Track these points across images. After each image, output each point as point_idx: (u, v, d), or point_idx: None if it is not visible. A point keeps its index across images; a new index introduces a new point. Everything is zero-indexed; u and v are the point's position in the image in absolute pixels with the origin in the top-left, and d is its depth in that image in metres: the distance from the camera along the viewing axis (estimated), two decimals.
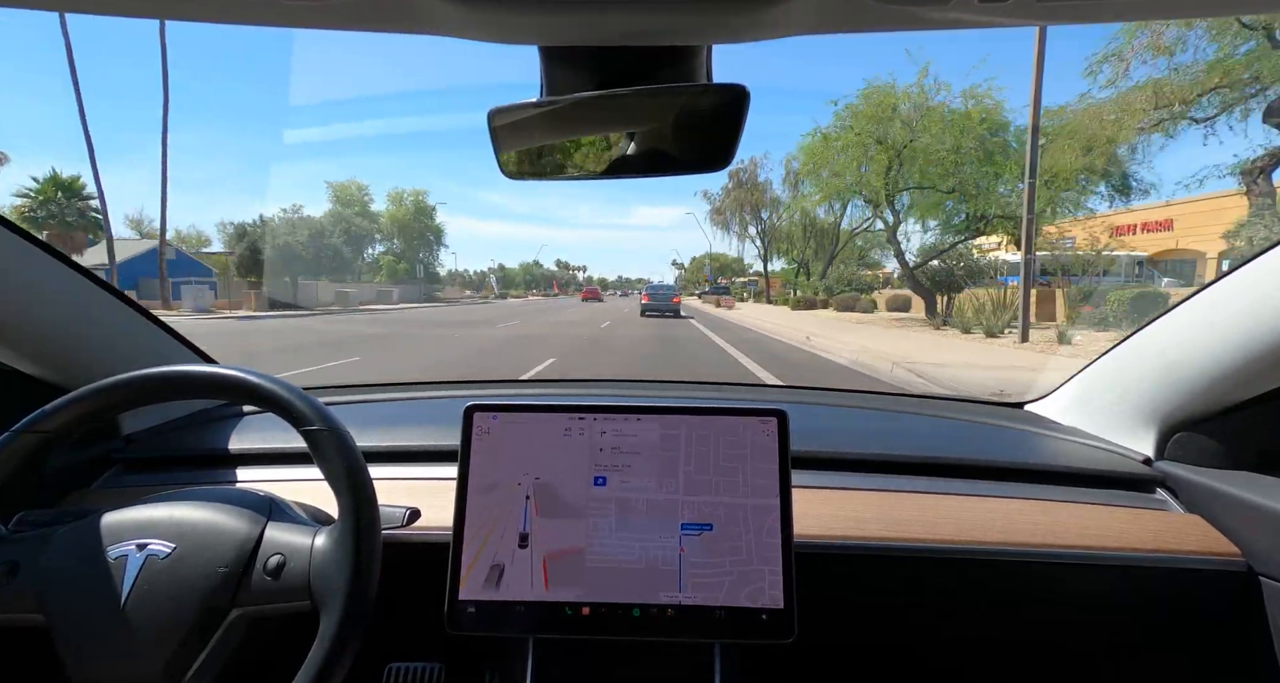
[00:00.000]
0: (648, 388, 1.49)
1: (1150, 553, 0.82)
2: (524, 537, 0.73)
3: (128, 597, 0.60)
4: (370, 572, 0.59)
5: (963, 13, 0.38)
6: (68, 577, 0.61)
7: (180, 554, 0.62)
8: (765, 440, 0.75)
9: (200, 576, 0.61)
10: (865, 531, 0.84)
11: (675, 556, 0.72)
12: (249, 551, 0.63)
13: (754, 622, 0.70)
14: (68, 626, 0.60)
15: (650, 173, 0.65)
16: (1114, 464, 0.98)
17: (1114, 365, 1.05)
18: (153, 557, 0.61)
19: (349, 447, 0.62)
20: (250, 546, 0.63)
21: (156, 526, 0.64)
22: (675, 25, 0.44)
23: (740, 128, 0.58)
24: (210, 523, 0.64)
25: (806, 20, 0.41)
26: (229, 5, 0.41)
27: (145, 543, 0.62)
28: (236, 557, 0.62)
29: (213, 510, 0.65)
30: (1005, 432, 1.13)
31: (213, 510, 0.65)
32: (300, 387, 0.65)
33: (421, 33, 0.44)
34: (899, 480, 0.95)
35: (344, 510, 0.60)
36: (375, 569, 0.59)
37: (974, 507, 0.89)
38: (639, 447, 0.76)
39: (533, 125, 0.61)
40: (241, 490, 0.71)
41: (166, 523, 0.64)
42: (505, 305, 37.16)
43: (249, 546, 0.63)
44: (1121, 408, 1.02)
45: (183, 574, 0.61)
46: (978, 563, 0.83)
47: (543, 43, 0.52)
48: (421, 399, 1.36)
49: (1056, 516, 0.87)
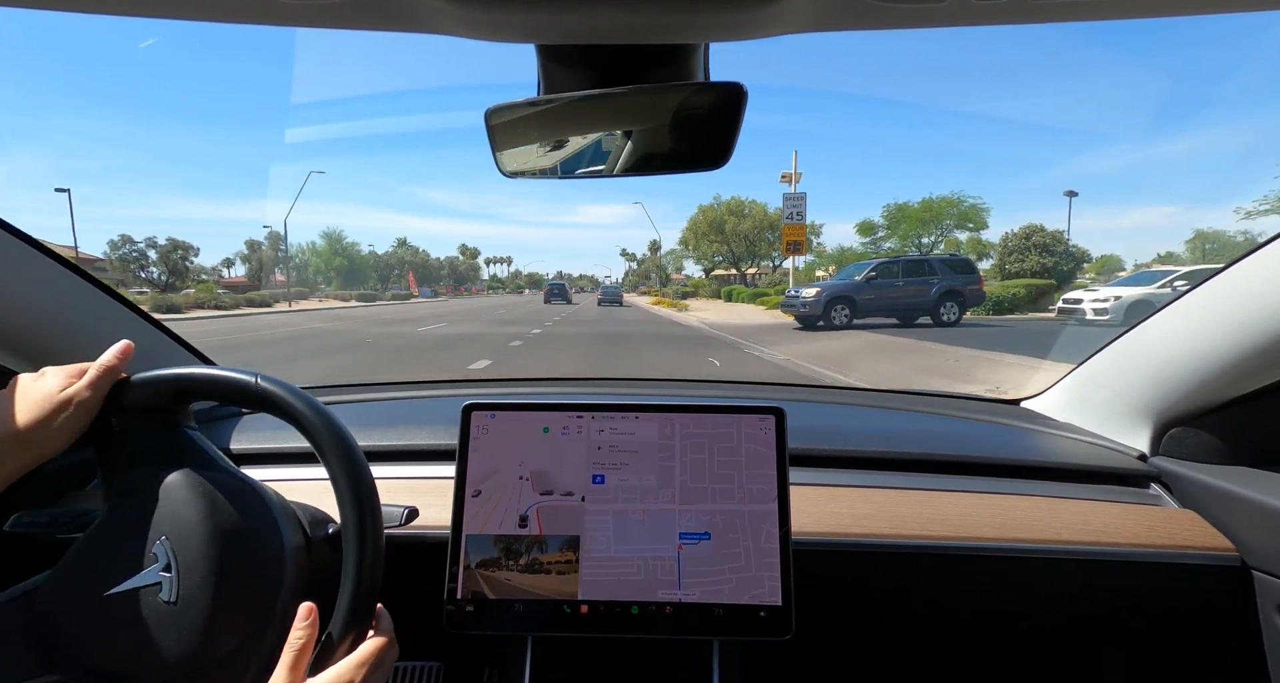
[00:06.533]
0: (645, 386, 1.49)
1: (1145, 548, 0.82)
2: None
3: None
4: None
5: (959, 11, 0.38)
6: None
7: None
8: (763, 438, 0.75)
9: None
10: (863, 528, 0.84)
11: (674, 554, 0.72)
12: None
13: (752, 619, 0.70)
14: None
15: (648, 171, 0.65)
16: (1109, 460, 0.98)
17: (1109, 362, 1.05)
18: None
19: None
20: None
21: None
22: (672, 23, 0.44)
23: (738, 126, 0.58)
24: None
25: (803, 18, 0.41)
26: (227, 4, 0.40)
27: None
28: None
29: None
30: (1001, 429, 1.14)
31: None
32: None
33: (419, 32, 0.44)
34: (897, 478, 0.95)
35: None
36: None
37: (971, 503, 0.89)
38: (637, 445, 0.76)
39: (530, 124, 0.61)
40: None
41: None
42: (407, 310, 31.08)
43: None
44: (1116, 404, 1.03)
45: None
46: (975, 559, 0.83)
47: (540, 41, 0.52)
48: (419, 398, 1.35)
49: (1052, 511, 0.88)
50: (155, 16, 0.42)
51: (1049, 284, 18.90)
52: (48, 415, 0.57)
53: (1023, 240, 22.48)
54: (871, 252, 29.25)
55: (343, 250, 50.07)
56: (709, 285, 37.88)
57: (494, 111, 0.59)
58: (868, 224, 30.75)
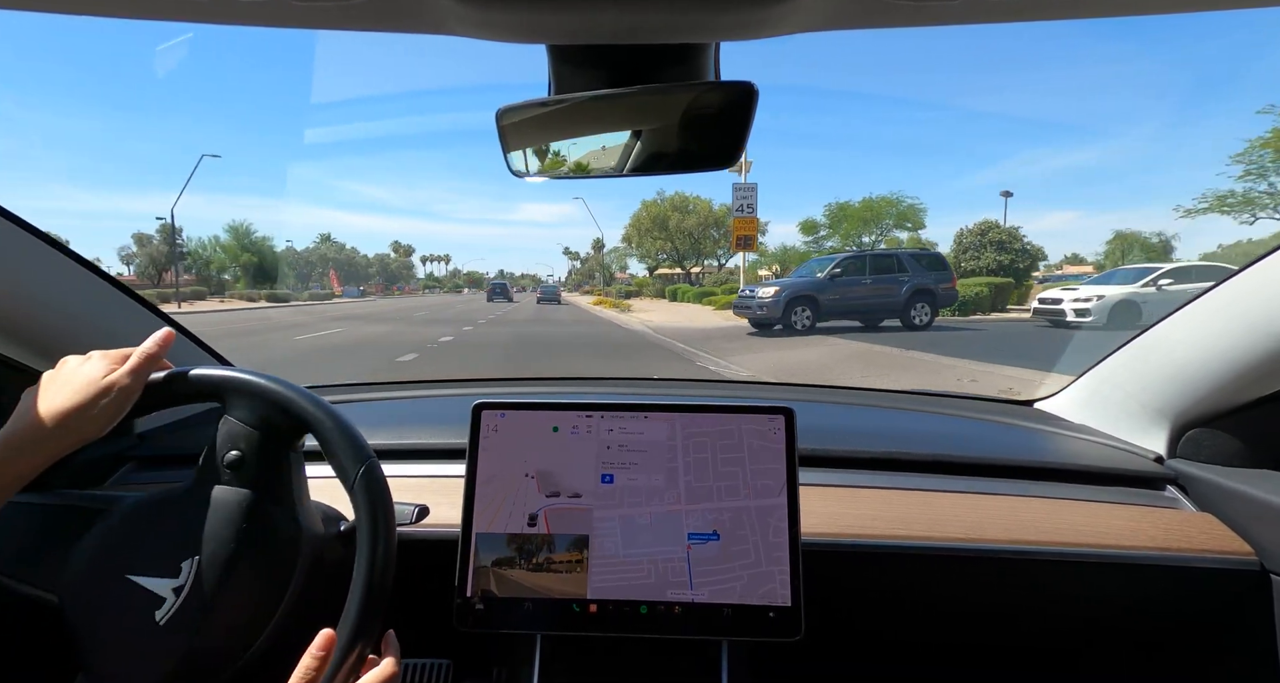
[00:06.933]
0: (654, 386, 1.51)
1: (1161, 551, 0.81)
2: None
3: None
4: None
5: (974, 8, 0.38)
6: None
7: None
8: (773, 438, 0.75)
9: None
10: (873, 529, 0.83)
11: (683, 554, 0.72)
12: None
13: (761, 620, 0.70)
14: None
15: (658, 170, 0.65)
16: (1124, 462, 0.97)
17: (1125, 363, 1.03)
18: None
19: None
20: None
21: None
22: (683, 23, 0.44)
23: (749, 125, 0.57)
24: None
25: (815, 17, 0.41)
26: (238, 6, 0.40)
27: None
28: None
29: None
30: (1014, 430, 1.12)
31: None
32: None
33: (432, 33, 0.44)
34: (907, 479, 0.94)
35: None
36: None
37: (983, 505, 0.88)
38: (646, 445, 0.76)
39: (541, 124, 0.61)
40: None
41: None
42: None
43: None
44: (1132, 405, 1.01)
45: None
46: (987, 561, 0.82)
47: (551, 42, 0.51)
48: (429, 397, 1.36)
49: (1066, 514, 0.86)
50: (161, 18, 0.42)
51: (1007, 282, 18.09)
52: (90, 400, 0.58)
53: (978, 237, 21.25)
54: (814, 251, 28.95)
55: (252, 246, 45.13)
56: (653, 285, 37.23)
57: (505, 112, 0.60)
58: (810, 223, 30.23)
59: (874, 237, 28.35)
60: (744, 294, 13.09)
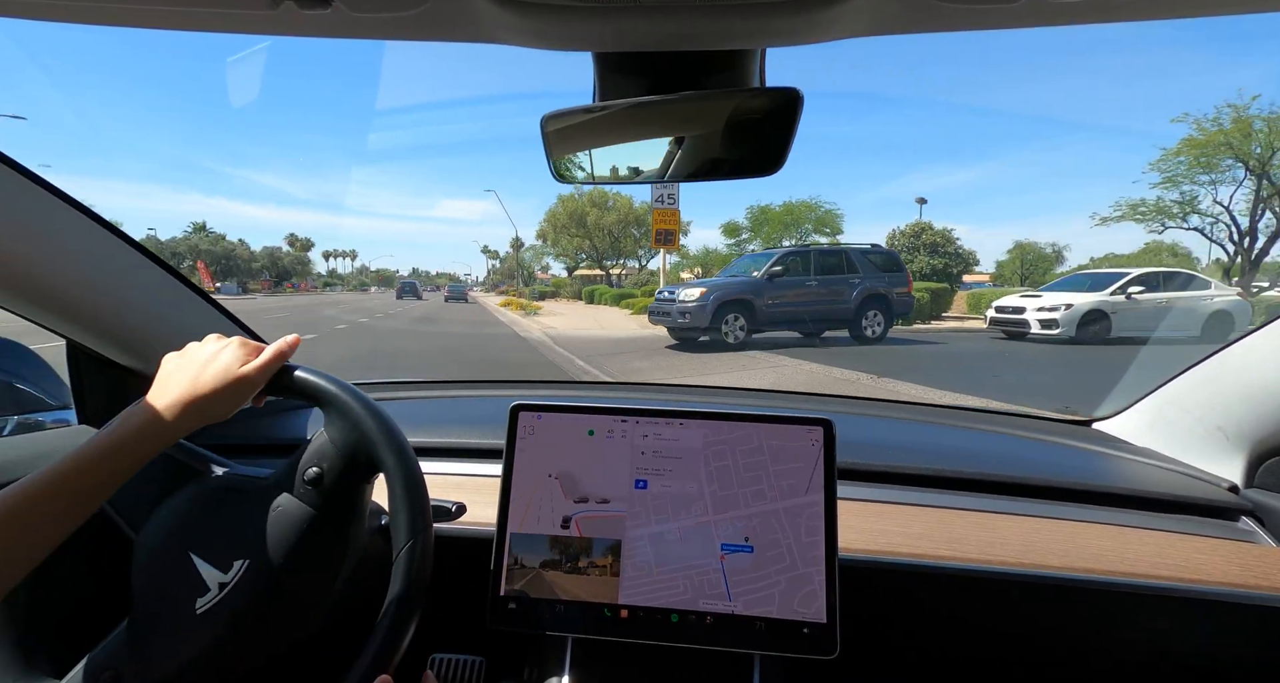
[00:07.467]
0: (691, 393, 1.48)
1: (1235, 588, 0.75)
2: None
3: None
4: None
5: (1027, 11, 0.37)
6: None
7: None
8: (810, 450, 0.73)
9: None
10: (917, 547, 0.81)
11: (718, 564, 0.71)
12: None
13: (795, 635, 0.69)
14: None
15: (701, 177, 0.65)
16: (1194, 490, 0.91)
17: (1197, 385, 0.98)
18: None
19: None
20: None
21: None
22: (729, 29, 0.44)
23: (793, 131, 0.57)
24: None
25: (863, 22, 0.41)
26: (297, 21, 0.40)
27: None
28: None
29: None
30: (1071, 450, 1.07)
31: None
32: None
33: (481, 42, 0.44)
34: (954, 497, 0.91)
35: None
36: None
37: (1036, 528, 0.84)
38: (680, 452, 0.75)
39: (585, 130, 0.61)
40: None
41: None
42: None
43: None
44: (1201, 431, 0.96)
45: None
46: (1038, 588, 0.78)
47: (598, 49, 0.52)
48: (467, 398, 1.39)
49: (1128, 542, 0.82)
50: (228, 32, 0.43)
51: (944, 288, 16.79)
52: (224, 387, 0.62)
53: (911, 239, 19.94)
54: (736, 254, 27.94)
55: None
56: (571, 285, 35.18)
57: (549, 118, 0.60)
58: (733, 226, 29.38)
59: (794, 240, 27.36)
60: (662, 297, 10.41)
